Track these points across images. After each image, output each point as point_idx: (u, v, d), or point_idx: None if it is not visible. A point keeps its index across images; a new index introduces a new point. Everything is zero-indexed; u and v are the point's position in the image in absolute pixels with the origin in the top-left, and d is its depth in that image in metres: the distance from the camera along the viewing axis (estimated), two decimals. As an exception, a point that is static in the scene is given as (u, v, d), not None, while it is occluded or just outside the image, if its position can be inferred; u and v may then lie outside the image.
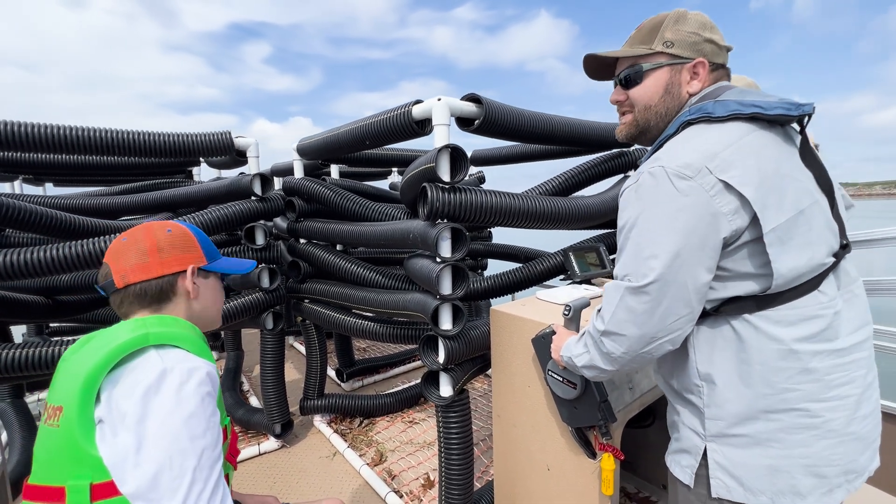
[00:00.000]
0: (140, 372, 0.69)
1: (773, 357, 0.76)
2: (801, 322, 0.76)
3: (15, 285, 2.10)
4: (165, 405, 0.67)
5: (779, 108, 0.77)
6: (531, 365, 1.37)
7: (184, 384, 0.70)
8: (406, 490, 2.04)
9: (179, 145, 2.00)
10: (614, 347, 0.82)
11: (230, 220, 2.10)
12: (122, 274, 0.81)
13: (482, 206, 1.50)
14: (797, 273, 0.75)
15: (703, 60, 0.86)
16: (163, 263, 0.84)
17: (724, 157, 0.75)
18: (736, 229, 0.74)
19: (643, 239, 0.78)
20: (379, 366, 3.37)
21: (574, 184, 2.06)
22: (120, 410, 0.67)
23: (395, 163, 3.10)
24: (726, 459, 0.81)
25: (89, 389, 0.68)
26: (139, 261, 0.82)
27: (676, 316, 0.76)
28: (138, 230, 0.85)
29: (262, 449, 2.37)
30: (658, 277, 0.75)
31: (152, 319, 0.79)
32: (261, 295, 2.28)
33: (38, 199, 2.33)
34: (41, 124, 1.70)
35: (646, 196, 0.79)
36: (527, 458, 1.45)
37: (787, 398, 0.76)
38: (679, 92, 0.88)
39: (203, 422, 0.70)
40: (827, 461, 0.76)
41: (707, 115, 0.80)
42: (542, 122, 1.71)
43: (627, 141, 0.98)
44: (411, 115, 1.56)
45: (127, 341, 0.72)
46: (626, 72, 0.91)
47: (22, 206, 1.66)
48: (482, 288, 2.00)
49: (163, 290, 0.84)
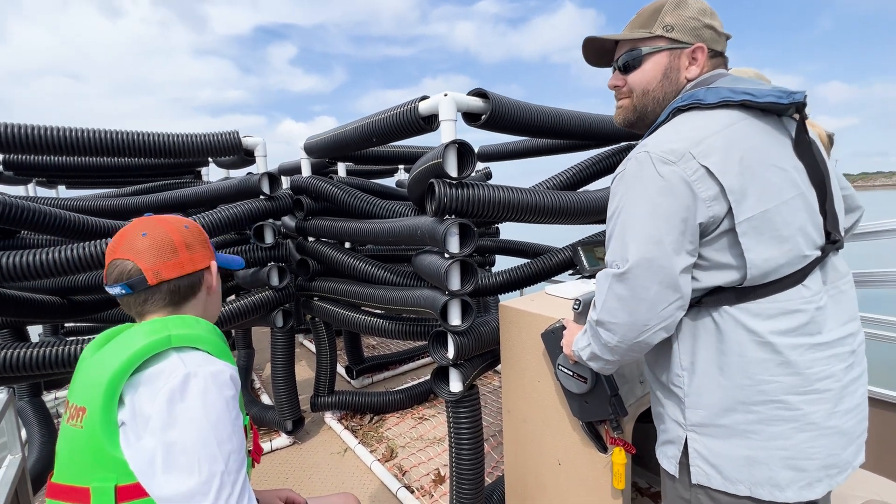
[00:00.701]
0: (163, 376, 0.69)
1: (750, 349, 0.76)
2: (780, 315, 0.76)
3: (31, 286, 2.13)
4: (192, 411, 0.67)
5: (770, 96, 0.76)
6: (541, 360, 1.37)
7: (208, 389, 0.69)
8: (417, 485, 2.05)
9: (188, 146, 2.02)
10: (609, 336, 0.83)
11: (240, 219, 2.12)
12: (156, 271, 0.79)
13: (490, 201, 1.50)
14: (774, 265, 0.75)
15: (702, 46, 0.85)
16: (193, 259, 0.83)
17: (708, 143, 0.75)
18: (713, 216, 0.74)
19: (626, 225, 0.79)
20: (388, 363, 3.38)
21: (582, 178, 2.05)
22: (143, 414, 0.67)
23: (402, 160, 3.10)
24: (706, 448, 0.81)
25: (112, 393, 0.67)
26: (172, 257, 0.81)
27: (667, 302, 0.76)
28: (154, 226, 0.83)
29: (273, 445, 2.39)
30: (640, 262, 0.76)
31: (174, 320, 0.78)
32: (270, 293, 2.30)
33: (51, 201, 2.36)
34: (53, 127, 1.73)
35: (630, 182, 0.80)
36: (537, 453, 1.45)
37: (764, 390, 0.76)
38: (677, 77, 0.87)
39: (229, 426, 0.70)
40: (805, 454, 0.75)
41: (697, 102, 0.80)
42: (549, 116, 1.70)
43: (625, 126, 0.97)
44: (418, 111, 1.56)
45: (150, 343, 0.71)
46: (624, 56, 0.91)
47: (31, 207, 1.69)
48: (490, 284, 2.00)
49: (192, 287, 0.84)
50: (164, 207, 2.48)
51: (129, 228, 0.83)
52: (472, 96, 1.53)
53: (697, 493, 0.84)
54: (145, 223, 0.84)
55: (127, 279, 0.78)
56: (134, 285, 0.79)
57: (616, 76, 0.94)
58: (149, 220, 0.85)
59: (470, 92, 1.54)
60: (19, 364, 1.68)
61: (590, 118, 1.87)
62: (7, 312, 2.04)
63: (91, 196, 2.86)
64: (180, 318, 0.79)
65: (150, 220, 0.85)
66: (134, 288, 0.79)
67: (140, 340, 0.71)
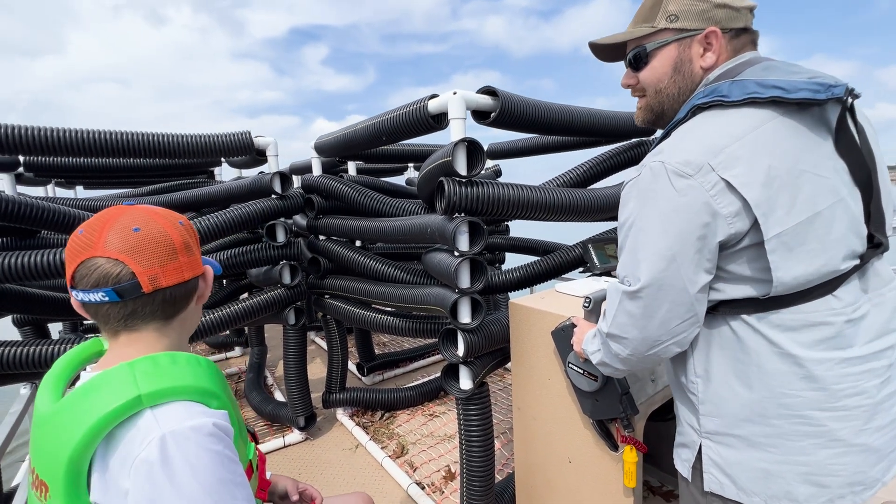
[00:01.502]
0: (136, 443, 0.56)
1: (770, 360, 0.72)
2: (804, 328, 0.71)
3: (51, 284, 2.19)
4: (180, 485, 0.54)
5: (804, 90, 0.67)
6: (551, 358, 1.36)
7: (192, 451, 0.56)
8: (428, 482, 2.06)
9: (202, 146, 2.05)
10: (619, 349, 0.82)
11: (252, 218, 2.15)
12: (153, 276, 0.64)
13: (500, 199, 1.50)
14: (804, 280, 0.69)
15: (714, 30, 0.77)
16: (192, 264, 0.70)
17: (729, 153, 0.68)
18: (735, 233, 0.69)
19: (638, 240, 0.75)
20: (399, 360, 3.40)
21: (592, 175, 2.03)
22: (120, 489, 0.55)
23: (412, 158, 3.11)
24: (720, 457, 0.78)
25: (74, 473, 0.56)
26: (171, 260, 0.66)
27: (679, 320, 0.74)
28: (147, 219, 0.67)
29: (286, 441, 2.42)
30: (652, 282, 0.73)
31: (142, 367, 0.61)
32: (282, 291, 2.33)
33: (69, 201, 2.42)
34: (71, 129, 1.77)
35: (644, 193, 0.75)
36: (548, 451, 1.45)
37: (786, 403, 0.71)
38: (691, 69, 0.80)
39: (229, 486, 0.58)
40: (828, 471, 0.71)
41: (720, 99, 0.72)
42: (558, 112, 1.69)
43: (646, 126, 0.93)
44: (427, 109, 1.56)
45: (113, 411, 0.56)
46: (631, 53, 0.85)
47: (44, 206, 1.73)
48: (500, 281, 2.00)
49: (186, 297, 0.71)
50: (179, 207, 2.52)
51: (110, 219, 0.65)
52: (481, 94, 1.53)
53: (713, 502, 0.81)
54: (134, 215, 0.66)
55: (114, 284, 0.62)
56: (124, 292, 0.62)
57: (628, 74, 0.89)
58: (136, 210, 0.68)
59: (479, 90, 1.54)
60: (40, 360, 1.73)
61: (600, 114, 1.85)
62: (29, 310, 2.10)
63: (108, 196, 2.92)
64: (151, 362, 0.62)
65: (138, 210, 0.68)
66: (123, 296, 0.62)
67: (101, 406, 0.56)
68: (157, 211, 0.70)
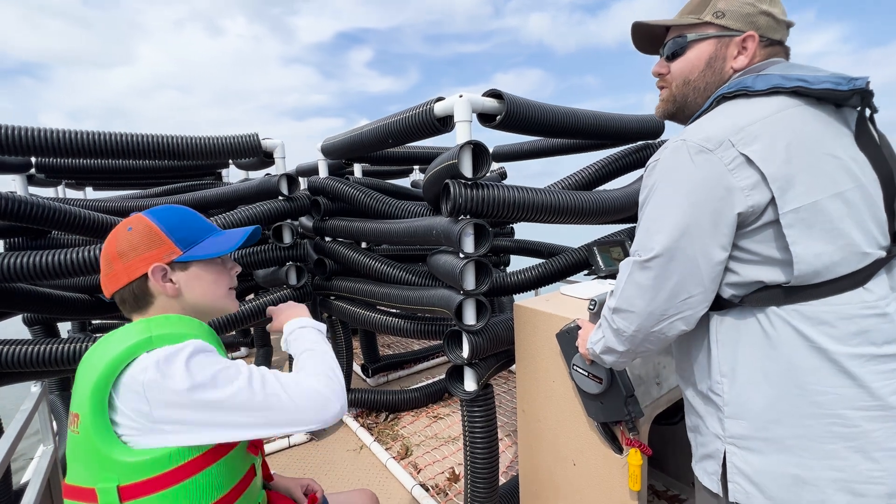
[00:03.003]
0: (138, 374, 0.68)
1: (802, 355, 0.70)
2: (837, 321, 0.69)
3: (61, 284, 2.22)
4: (178, 382, 0.67)
5: (826, 82, 0.69)
6: (556, 360, 1.37)
7: (182, 358, 0.69)
8: (432, 483, 2.06)
9: (211, 148, 2.07)
10: (625, 325, 0.81)
11: (258, 219, 2.16)
12: (105, 285, 0.80)
13: (505, 201, 1.50)
14: (828, 261, 0.68)
15: (752, 34, 0.78)
16: (127, 269, 0.78)
17: (750, 131, 0.70)
18: (753, 205, 0.69)
19: (654, 213, 0.76)
20: (403, 362, 3.41)
21: (598, 178, 2.03)
22: (140, 412, 0.67)
23: (417, 160, 3.12)
24: (746, 464, 0.75)
25: (98, 398, 0.67)
26: (107, 270, 0.80)
27: (687, 294, 0.74)
28: (111, 233, 0.82)
29: (291, 441, 2.44)
30: (662, 251, 0.73)
31: (157, 321, 0.76)
32: (288, 292, 2.34)
33: (80, 202, 2.45)
34: (81, 131, 1.79)
35: (662, 170, 0.76)
36: (552, 453, 1.45)
37: (818, 401, 0.69)
38: (722, 67, 0.82)
39: (221, 380, 0.70)
40: (865, 478, 0.67)
41: (745, 90, 0.74)
42: (564, 115, 1.70)
43: (664, 118, 0.93)
44: (433, 112, 1.57)
45: (129, 348, 0.70)
46: (671, 43, 0.86)
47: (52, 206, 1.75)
48: (505, 284, 2.00)
49: (137, 297, 0.80)
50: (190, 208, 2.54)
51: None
52: (486, 97, 1.53)
53: None
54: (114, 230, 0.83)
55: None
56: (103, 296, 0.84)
57: (660, 63, 0.89)
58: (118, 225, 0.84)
59: (485, 93, 1.54)
60: (50, 359, 1.75)
61: (606, 117, 1.86)
62: (38, 309, 2.13)
63: (117, 197, 2.96)
64: (164, 318, 0.78)
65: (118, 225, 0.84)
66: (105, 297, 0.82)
67: (119, 345, 0.71)
68: (124, 222, 0.82)
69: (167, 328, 0.75)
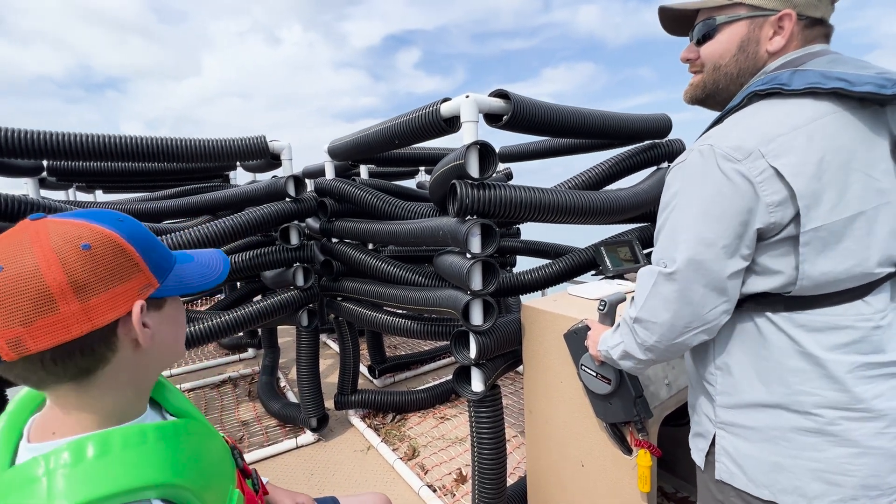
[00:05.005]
0: None
1: (792, 358, 0.72)
2: (827, 330, 0.70)
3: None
4: None
5: (869, 84, 0.64)
6: (563, 360, 1.36)
7: None
8: (439, 484, 2.06)
9: (218, 150, 2.09)
10: (647, 336, 0.80)
11: (266, 220, 2.18)
12: (15, 339, 0.45)
13: (512, 201, 1.50)
14: (832, 279, 0.69)
15: (789, 12, 0.72)
16: (90, 310, 0.47)
17: (782, 142, 0.66)
18: (774, 222, 0.68)
19: (679, 223, 0.75)
20: (410, 362, 3.41)
21: (605, 177, 2.02)
22: None
23: (423, 161, 3.13)
24: (733, 448, 0.80)
25: None
26: (43, 314, 0.45)
27: (712, 305, 0.74)
28: (17, 249, 0.46)
29: (299, 442, 2.44)
30: (688, 263, 0.72)
31: (62, 464, 0.46)
32: (296, 293, 2.36)
33: (89, 205, 2.48)
34: (92, 134, 1.81)
35: (689, 176, 0.74)
36: (560, 454, 1.44)
37: (801, 401, 0.72)
38: (756, 50, 0.76)
39: None
40: (841, 470, 0.71)
41: (780, 87, 0.70)
42: (571, 115, 1.69)
43: (692, 103, 0.89)
44: (440, 113, 1.57)
45: None
46: (700, 26, 0.81)
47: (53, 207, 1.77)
48: (512, 284, 2.00)
49: (93, 355, 0.50)
50: (195, 210, 2.57)
51: None
52: (493, 97, 1.53)
53: (730, 496, 0.81)
54: (5, 243, 0.47)
55: None
56: None
57: (689, 48, 0.85)
58: (15, 235, 0.48)
59: (491, 93, 1.54)
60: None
61: (613, 117, 1.85)
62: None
63: (126, 200, 2.99)
64: (75, 450, 0.47)
65: (17, 235, 0.48)
66: None
67: None
68: (45, 230, 0.48)
69: (109, 478, 0.45)
